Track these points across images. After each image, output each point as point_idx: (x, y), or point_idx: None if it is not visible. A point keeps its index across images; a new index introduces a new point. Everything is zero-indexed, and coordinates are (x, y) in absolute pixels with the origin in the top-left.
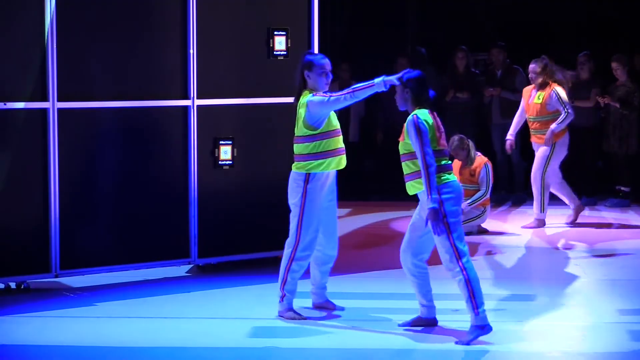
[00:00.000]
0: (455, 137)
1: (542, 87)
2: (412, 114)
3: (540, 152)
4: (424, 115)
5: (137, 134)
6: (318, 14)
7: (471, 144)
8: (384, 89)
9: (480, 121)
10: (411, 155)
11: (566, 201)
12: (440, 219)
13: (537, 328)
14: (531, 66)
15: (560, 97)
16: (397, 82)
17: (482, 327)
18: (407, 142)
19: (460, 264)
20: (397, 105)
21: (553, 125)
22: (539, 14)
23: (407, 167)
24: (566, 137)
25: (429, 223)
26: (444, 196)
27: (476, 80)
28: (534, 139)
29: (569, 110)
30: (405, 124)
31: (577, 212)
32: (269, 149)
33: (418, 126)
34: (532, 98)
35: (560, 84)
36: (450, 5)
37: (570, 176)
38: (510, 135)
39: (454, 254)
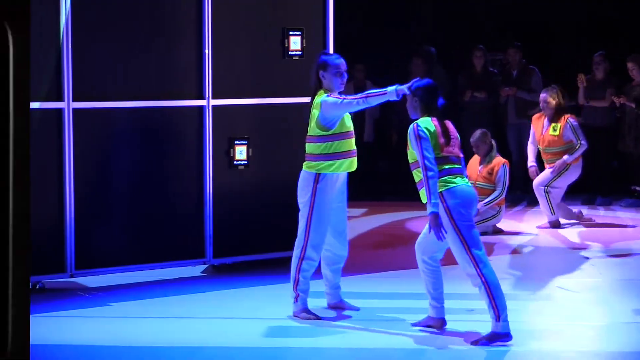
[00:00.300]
0: (479, 130)
1: (554, 118)
2: (413, 122)
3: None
4: (424, 123)
5: (152, 134)
6: (333, 14)
7: (494, 142)
8: (396, 98)
9: (496, 121)
10: (418, 164)
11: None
12: (440, 224)
13: (552, 328)
14: (542, 95)
15: (574, 129)
16: (408, 92)
17: (502, 335)
18: (412, 151)
19: (478, 270)
20: (409, 114)
21: (565, 157)
22: (539, 14)
23: (416, 176)
24: (581, 160)
25: (431, 229)
26: (449, 202)
27: (494, 79)
28: (547, 167)
29: (582, 142)
30: (407, 133)
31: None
32: (284, 149)
33: (417, 134)
34: (545, 129)
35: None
36: (465, 4)
37: (585, 176)
38: (532, 162)
39: (470, 260)
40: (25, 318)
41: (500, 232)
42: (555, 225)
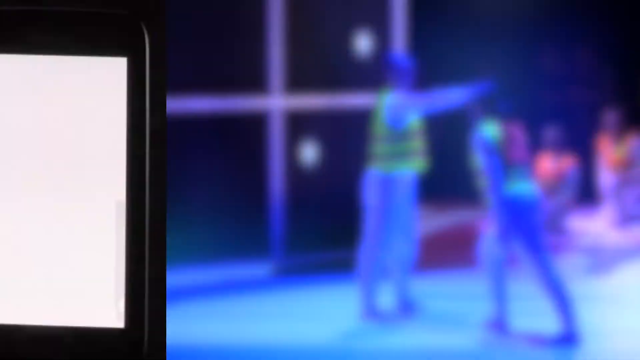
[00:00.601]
0: (554, 127)
1: (618, 139)
2: (478, 130)
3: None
4: (488, 130)
5: (220, 133)
6: (403, 14)
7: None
8: (458, 105)
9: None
10: (483, 171)
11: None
12: (505, 230)
13: (622, 327)
14: (607, 117)
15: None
16: (471, 96)
17: (570, 337)
18: (476, 158)
19: (543, 272)
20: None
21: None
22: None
23: (481, 182)
24: None
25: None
26: (513, 207)
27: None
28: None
29: None
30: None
31: (620, 222)
32: (353, 149)
33: (481, 142)
34: (610, 150)
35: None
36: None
37: None
38: (604, 182)
39: (536, 264)
40: (161, 318)
41: (568, 231)
42: (624, 223)
